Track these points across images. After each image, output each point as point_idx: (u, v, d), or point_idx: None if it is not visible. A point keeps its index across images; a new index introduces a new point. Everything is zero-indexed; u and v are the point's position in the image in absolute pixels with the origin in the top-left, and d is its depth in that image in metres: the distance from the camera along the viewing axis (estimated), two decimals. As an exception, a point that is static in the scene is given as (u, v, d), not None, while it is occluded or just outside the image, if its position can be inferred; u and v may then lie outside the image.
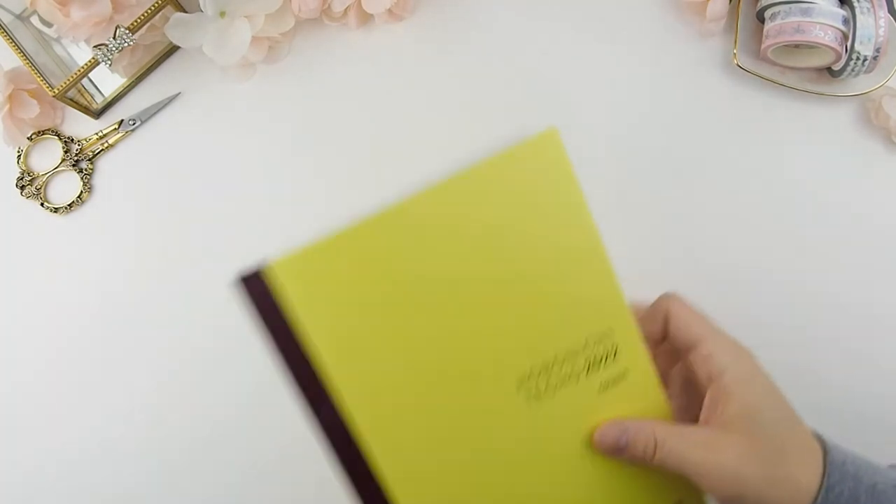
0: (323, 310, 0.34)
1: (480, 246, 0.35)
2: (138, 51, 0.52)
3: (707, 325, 0.36)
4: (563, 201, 0.36)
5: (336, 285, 0.34)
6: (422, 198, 0.35)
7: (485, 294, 0.35)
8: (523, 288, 0.36)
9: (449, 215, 0.35)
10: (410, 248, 0.35)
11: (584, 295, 0.36)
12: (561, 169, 0.35)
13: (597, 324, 0.36)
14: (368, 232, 0.34)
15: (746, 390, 0.34)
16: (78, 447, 0.51)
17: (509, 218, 0.35)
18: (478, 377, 0.35)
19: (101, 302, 0.52)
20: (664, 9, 0.53)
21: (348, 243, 0.34)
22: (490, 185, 0.35)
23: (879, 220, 0.51)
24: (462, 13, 0.54)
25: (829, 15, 0.46)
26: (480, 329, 0.35)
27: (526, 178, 0.35)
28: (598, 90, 0.52)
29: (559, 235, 0.36)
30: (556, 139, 0.35)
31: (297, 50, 0.54)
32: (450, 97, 0.53)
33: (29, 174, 0.53)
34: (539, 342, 0.36)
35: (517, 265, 0.36)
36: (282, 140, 0.53)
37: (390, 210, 0.34)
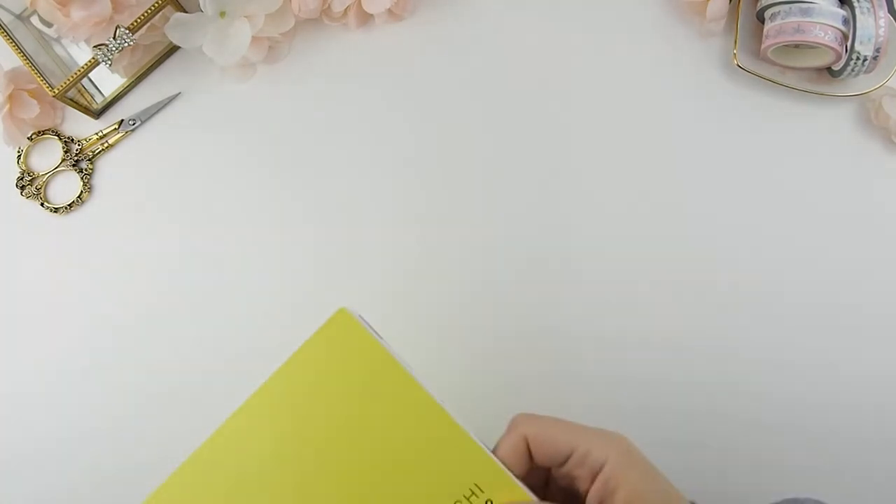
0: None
1: (322, 434, 0.35)
2: (138, 51, 0.52)
3: (571, 430, 0.35)
4: (378, 371, 0.35)
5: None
6: (246, 408, 0.35)
7: (339, 479, 0.35)
8: (376, 465, 0.35)
9: (278, 417, 0.35)
10: (254, 457, 0.35)
11: (436, 459, 0.35)
12: (362, 341, 0.35)
13: (460, 483, 0.35)
14: (199, 463, 0.35)
15: (629, 474, 0.34)
16: (78, 446, 0.51)
17: (338, 401, 0.35)
18: None
19: (100, 302, 0.52)
20: (664, 9, 0.53)
21: (191, 473, 0.35)
22: (303, 376, 0.35)
23: (879, 219, 0.51)
24: (462, 13, 0.54)
25: (829, 15, 0.46)
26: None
27: (334, 359, 0.35)
28: (598, 90, 0.52)
29: (391, 405, 0.35)
30: (346, 317, 0.35)
31: (297, 50, 0.54)
32: (450, 97, 0.53)
33: (29, 174, 0.53)
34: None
35: (364, 446, 0.35)
36: (282, 140, 0.53)
37: (221, 428, 0.35)
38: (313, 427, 0.35)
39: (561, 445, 0.34)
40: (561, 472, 0.35)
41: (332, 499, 0.35)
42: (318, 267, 0.52)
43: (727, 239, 0.50)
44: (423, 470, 0.35)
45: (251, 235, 0.52)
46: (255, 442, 0.35)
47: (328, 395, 0.35)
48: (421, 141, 0.52)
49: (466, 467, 0.35)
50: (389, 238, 0.52)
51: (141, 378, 0.52)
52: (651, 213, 0.51)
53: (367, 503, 0.35)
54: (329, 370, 0.35)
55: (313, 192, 0.52)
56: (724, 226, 0.51)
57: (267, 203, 0.52)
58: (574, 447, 0.34)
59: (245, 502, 0.35)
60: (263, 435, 0.35)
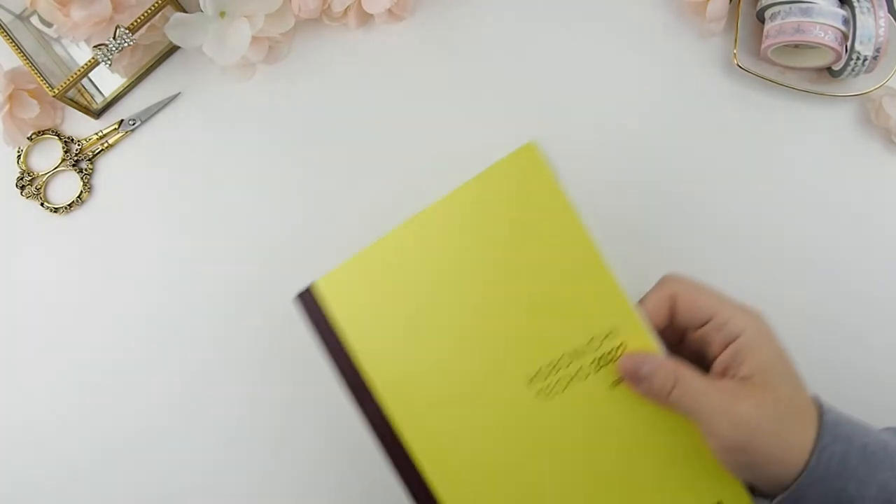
0: (356, 316, 0.40)
1: (482, 253, 0.39)
2: (138, 51, 0.52)
3: (716, 297, 0.37)
4: (550, 210, 0.38)
5: (365, 295, 0.40)
6: (423, 216, 0.39)
7: (489, 297, 0.39)
8: (524, 291, 0.39)
9: (450, 228, 0.39)
10: (422, 258, 0.39)
11: (583, 297, 0.38)
12: (544, 180, 0.38)
13: (599, 323, 0.38)
14: (383, 248, 0.40)
15: (762, 350, 0.36)
16: (78, 445, 0.51)
17: (504, 227, 0.39)
18: (491, 375, 0.39)
19: (100, 302, 0.52)
20: (664, 9, 0.53)
21: (370, 258, 0.40)
22: (481, 198, 0.39)
23: (879, 219, 0.51)
24: (462, 14, 0.54)
25: (829, 15, 0.46)
26: (489, 332, 0.39)
27: (512, 188, 0.39)
28: (598, 90, 0.52)
29: (553, 241, 0.38)
30: (534, 152, 0.38)
31: (297, 50, 0.54)
32: (450, 97, 0.53)
33: (29, 174, 0.53)
34: (544, 343, 0.38)
35: (517, 271, 0.39)
36: (281, 140, 0.53)
37: (398, 228, 0.40)
38: (477, 246, 0.39)
39: (704, 309, 0.37)
40: (695, 336, 0.38)
41: (481, 312, 0.39)
42: (318, 267, 0.52)
43: (727, 238, 0.50)
44: (569, 303, 0.38)
45: (251, 235, 0.52)
46: (420, 250, 0.39)
47: (499, 219, 0.39)
48: (421, 141, 0.52)
49: (609, 310, 0.38)
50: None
51: (141, 377, 0.52)
52: (650, 211, 0.51)
53: (512, 321, 0.39)
54: (505, 197, 0.39)
55: (313, 192, 0.52)
56: (724, 225, 0.51)
57: (267, 202, 0.52)
58: (715, 313, 0.36)
59: (402, 301, 0.39)
60: (431, 245, 0.39)
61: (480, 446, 0.39)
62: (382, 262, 0.40)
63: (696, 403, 0.35)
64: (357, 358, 0.39)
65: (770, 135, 0.51)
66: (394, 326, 0.39)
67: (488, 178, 0.39)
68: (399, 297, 0.39)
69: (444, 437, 0.39)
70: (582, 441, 0.38)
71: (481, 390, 0.39)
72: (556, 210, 0.38)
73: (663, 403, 0.36)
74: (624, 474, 0.38)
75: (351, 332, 0.39)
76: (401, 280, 0.39)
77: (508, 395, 0.39)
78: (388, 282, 0.40)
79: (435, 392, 0.39)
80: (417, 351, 0.39)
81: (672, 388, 0.35)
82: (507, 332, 0.39)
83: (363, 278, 0.40)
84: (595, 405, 0.38)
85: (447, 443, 0.39)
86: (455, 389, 0.39)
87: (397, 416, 0.39)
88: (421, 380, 0.39)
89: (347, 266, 0.40)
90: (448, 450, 0.39)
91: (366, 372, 0.39)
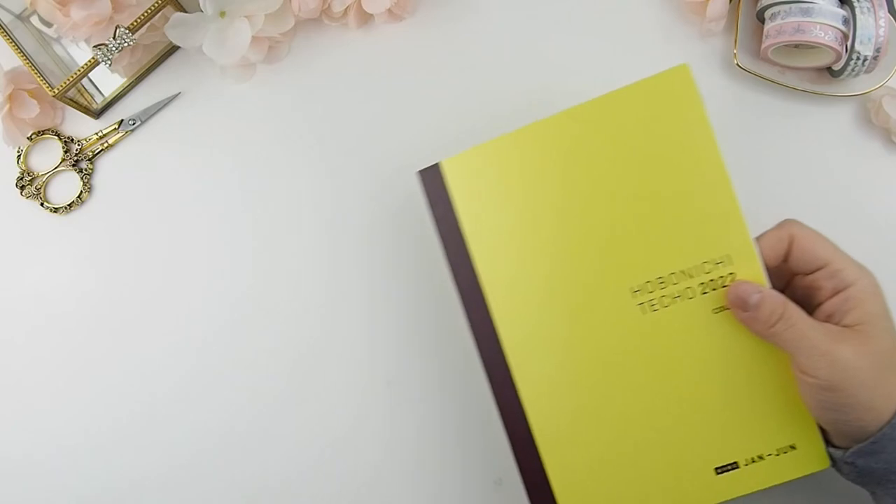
0: (473, 201, 0.41)
1: (611, 163, 0.40)
2: (138, 51, 0.52)
3: (832, 246, 0.39)
4: (691, 130, 0.40)
5: (486, 182, 0.41)
6: (561, 116, 0.41)
7: (610, 206, 0.40)
8: (647, 206, 0.40)
9: (584, 134, 0.41)
10: (549, 159, 0.41)
11: (705, 221, 0.40)
12: (690, 100, 0.40)
13: (716, 249, 0.40)
14: (513, 142, 0.41)
15: (871, 302, 0.37)
16: (76, 444, 0.51)
17: (639, 141, 0.40)
18: (597, 278, 0.40)
19: (101, 302, 0.52)
20: (664, 9, 0.53)
21: (498, 149, 0.41)
22: (623, 110, 0.40)
23: (879, 220, 0.50)
24: (462, 13, 0.54)
25: (829, 15, 0.46)
26: (603, 236, 0.40)
27: (657, 106, 0.40)
28: (598, 90, 0.52)
29: (686, 162, 0.40)
30: (686, 74, 0.40)
31: (297, 50, 0.54)
32: (450, 97, 0.53)
33: (29, 174, 0.53)
34: (656, 257, 0.40)
35: (643, 185, 0.40)
36: (282, 140, 0.53)
37: (532, 125, 0.41)
38: (608, 153, 0.41)
39: (820, 255, 0.38)
40: (804, 281, 0.39)
41: (598, 218, 0.40)
42: (318, 267, 0.52)
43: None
44: (691, 224, 0.40)
45: (251, 235, 0.52)
46: (549, 149, 0.41)
47: (638, 131, 0.40)
48: (421, 141, 0.52)
49: (728, 238, 0.40)
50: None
51: (139, 377, 0.52)
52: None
53: (628, 231, 0.40)
54: (649, 110, 0.40)
55: (313, 192, 0.52)
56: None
57: (267, 202, 0.52)
58: (830, 261, 0.38)
59: (521, 194, 0.41)
60: (561, 146, 0.41)
61: (574, 346, 0.40)
62: (509, 155, 0.41)
63: (798, 339, 0.36)
64: (467, 241, 0.41)
65: (770, 135, 0.51)
66: (508, 217, 0.41)
67: (635, 91, 0.40)
68: (518, 190, 0.41)
69: (538, 328, 0.41)
70: (674, 359, 0.40)
71: (584, 290, 0.40)
72: (698, 132, 0.40)
73: (765, 334, 0.38)
74: (707, 398, 0.40)
75: (465, 214, 0.41)
76: (523, 174, 0.41)
77: (611, 302, 0.40)
78: (511, 174, 0.41)
79: (536, 284, 0.41)
80: (526, 242, 0.41)
81: (777, 320, 0.37)
82: (621, 240, 0.40)
83: (487, 166, 0.41)
84: (694, 327, 0.40)
85: (540, 331, 0.41)
86: (556, 285, 0.41)
87: (495, 302, 0.41)
88: (525, 271, 0.41)
89: (474, 152, 0.41)
90: (539, 341, 0.41)
91: (473, 255, 0.41)
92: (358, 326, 0.51)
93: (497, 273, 0.41)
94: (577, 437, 0.41)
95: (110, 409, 0.52)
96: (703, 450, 0.40)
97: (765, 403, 0.39)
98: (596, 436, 0.41)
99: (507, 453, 0.42)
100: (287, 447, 0.50)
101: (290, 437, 0.50)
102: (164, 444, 0.51)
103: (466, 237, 0.41)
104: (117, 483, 0.51)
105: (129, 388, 0.52)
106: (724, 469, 0.40)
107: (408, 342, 0.50)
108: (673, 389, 0.40)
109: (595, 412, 0.41)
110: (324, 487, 0.50)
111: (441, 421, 0.50)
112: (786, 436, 0.39)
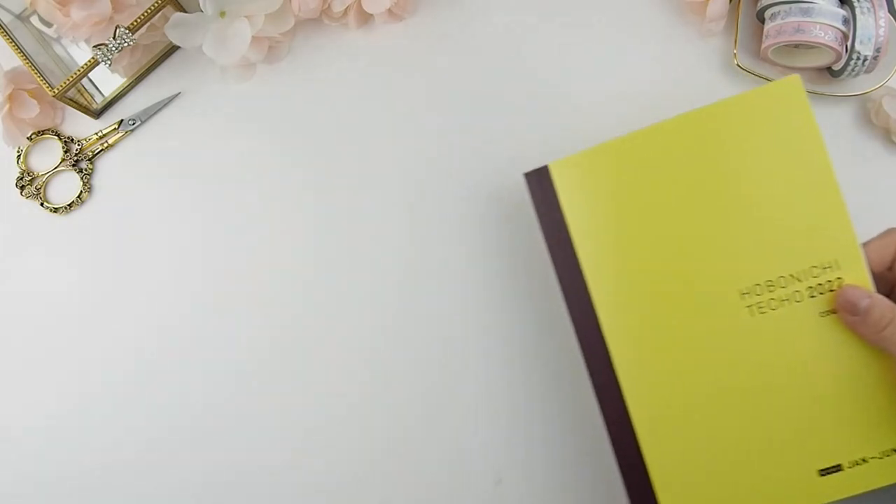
0: (580, 203, 0.43)
1: (721, 169, 0.42)
2: (138, 51, 0.52)
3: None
4: (802, 138, 0.41)
5: (592, 186, 0.43)
6: (670, 123, 0.42)
7: (719, 211, 0.42)
8: (756, 211, 0.41)
9: (695, 140, 0.42)
10: (658, 163, 0.42)
11: (813, 226, 0.41)
12: (801, 110, 0.41)
13: (824, 254, 0.41)
14: (622, 147, 0.42)
15: None
16: (78, 443, 0.51)
17: (751, 148, 0.42)
18: (706, 280, 0.42)
19: (100, 302, 0.52)
20: (664, 9, 0.53)
21: (607, 153, 0.43)
22: (733, 118, 0.42)
23: (879, 219, 0.50)
24: (462, 13, 0.54)
25: (829, 15, 0.46)
26: (712, 240, 0.42)
27: (768, 114, 0.42)
28: (598, 90, 0.52)
29: (797, 169, 0.41)
30: (797, 85, 0.41)
31: (297, 50, 0.54)
32: (450, 97, 0.53)
33: (29, 174, 0.53)
34: (765, 261, 0.41)
35: (753, 190, 0.41)
36: (282, 140, 0.53)
37: (642, 131, 0.42)
38: (718, 158, 0.42)
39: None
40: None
41: (707, 222, 0.42)
42: (318, 267, 0.52)
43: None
44: (800, 229, 0.41)
45: (251, 235, 0.52)
46: (658, 154, 0.42)
47: (749, 137, 0.42)
48: (421, 141, 0.52)
49: (837, 244, 0.41)
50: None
51: (139, 377, 0.52)
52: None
53: (738, 235, 0.41)
54: (761, 118, 0.42)
55: (314, 191, 0.52)
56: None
57: (267, 202, 0.52)
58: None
59: (627, 198, 0.42)
60: (670, 151, 0.42)
61: (681, 347, 0.41)
62: (617, 159, 0.42)
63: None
64: (574, 241, 0.42)
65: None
66: (615, 219, 0.42)
67: (747, 99, 0.42)
68: (626, 193, 0.42)
69: (644, 328, 0.41)
70: (780, 361, 0.41)
71: (693, 292, 0.41)
72: (809, 140, 0.41)
73: (873, 339, 0.38)
74: (812, 400, 0.41)
75: (571, 216, 0.43)
76: (632, 178, 0.42)
77: (720, 304, 0.41)
78: (619, 178, 0.42)
79: (643, 284, 0.42)
80: (634, 243, 0.42)
81: (887, 325, 0.38)
82: (731, 244, 0.41)
83: (595, 169, 0.43)
84: (801, 330, 0.41)
85: (645, 332, 0.41)
86: (665, 286, 0.42)
87: (600, 302, 0.42)
88: (632, 271, 0.42)
89: (581, 156, 0.43)
90: (645, 340, 0.42)
91: (580, 259, 0.42)
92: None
93: (603, 272, 0.42)
94: (680, 436, 0.41)
95: (111, 408, 0.52)
96: (808, 451, 0.41)
97: (869, 406, 0.40)
98: (700, 435, 0.41)
99: (506, 451, 0.42)
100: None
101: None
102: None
103: (573, 237, 0.42)
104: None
105: (129, 388, 0.52)
106: (827, 471, 0.41)
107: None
108: (779, 391, 0.41)
109: (700, 412, 0.41)
110: (309, 478, 0.50)
111: (438, 420, 0.50)
112: (890, 439, 0.40)
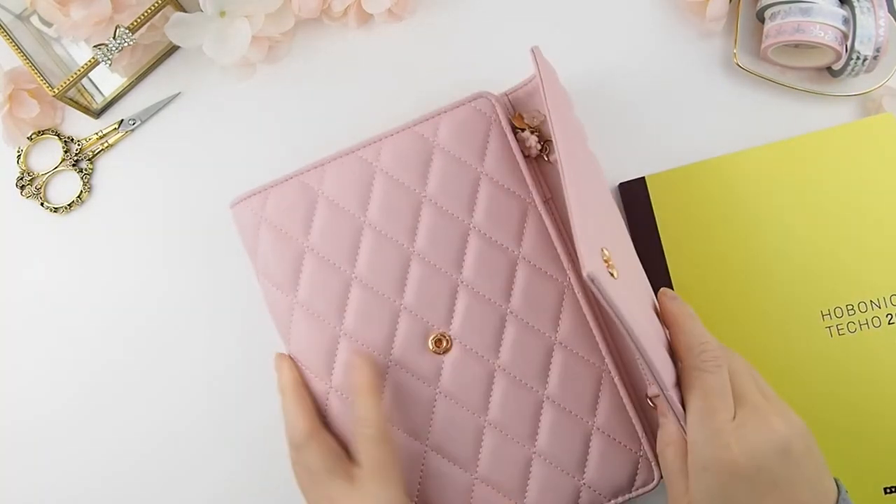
0: (673, 213, 0.45)
1: (813, 195, 0.45)
2: (138, 51, 0.52)
3: None
4: (890, 173, 0.44)
5: (686, 201, 0.45)
6: (767, 149, 0.46)
7: (807, 234, 0.44)
8: (843, 237, 0.44)
9: (788, 166, 0.45)
10: (752, 185, 0.45)
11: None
12: (893, 145, 0.45)
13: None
14: (718, 167, 0.45)
15: None
16: (74, 445, 0.51)
17: (842, 177, 0.45)
18: (789, 298, 0.44)
19: (100, 302, 0.52)
20: (664, 9, 0.53)
21: (702, 172, 0.46)
22: (828, 147, 0.45)
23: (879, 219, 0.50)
24: (462, 14, 0.54)
25: (829, 15, 0.46)
26: (798, 261, 0.44)
27: (860, 147, 0.45)
28: (598, 90, 0.52)
29: (885, 201, 0.44)
30: (892, 122, 0.45)
31: (297, 50, 0.54)
32: (450, 98, 0.53)
33: (29, 174, 0.53)
34: (848, 286, 0.44)
35: (842, 217, 0.44)
36: (282, 140, 0.53)
37: (740, 153, 0.46)
38: (814, 185, 0.45)
39: None
40: None
41: (796, 243, 0.44)
42: (318, 267, 0.52)
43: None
44: (885, 258, 0.44)
45: (251, 235, 0.52)
46: (754, 176, 0.46)
47: (845, 167, 0.45)
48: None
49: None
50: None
51: (138, 377, 0.52)
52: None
53: (825, 258, 0.44)
54: (857, 150, 0.45)
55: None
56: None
57: (267, 203, 0.52)
58: None
59: (719, 216, 0.45)
60: (765, 174, 0.45)
61: (760, 361, 0.41)
62: (712, 177, 0.45)
63: None
64: (665, 249, 0.45)
65: (770, 134, 0.51)
66: (705, 233, 0.45)
67: (841, 132, 0.45)
68: (718, 209, 0.45)
69: (724, 339, 0.41)
70: (854, 381, 0.43)
71: (775, 308, 0.44)
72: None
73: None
74: (882, 422, 0.43)
75: (663, 227, 0.45)
76: (724, 196, 0.45)
77: (801, 322, 0.44)
78: (712, 195, 0.45)
79: (725, 296, 0.44)
80: (722, 258, 0.44)
81: None
82: (816, 266, 0.44)
83: (689, 185, 0.45)
84: (877, 354, 0.43)
85: (725, 343, 0.41)
86: (746, 300, 0.44)
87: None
88: (716, 283, 0.44)
89: (677, 172, 0.46)
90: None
91: (669, 266, 0.45)
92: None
93: (689, 280, 0.44)
94: None
95: (111, 408, 0.52)
96: (874, 470, 0.42)
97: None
98: None
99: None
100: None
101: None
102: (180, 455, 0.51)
103: (664, 246, 0.45)
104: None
105: (129, 388, 0.52)
106: (892, 490, 0.42)
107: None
108: (851, 410, 0.43)
109: None
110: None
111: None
112: None
